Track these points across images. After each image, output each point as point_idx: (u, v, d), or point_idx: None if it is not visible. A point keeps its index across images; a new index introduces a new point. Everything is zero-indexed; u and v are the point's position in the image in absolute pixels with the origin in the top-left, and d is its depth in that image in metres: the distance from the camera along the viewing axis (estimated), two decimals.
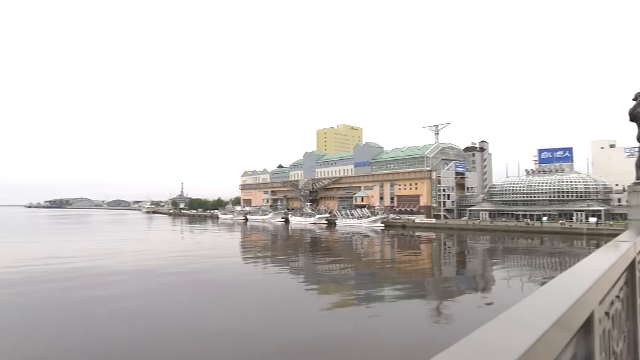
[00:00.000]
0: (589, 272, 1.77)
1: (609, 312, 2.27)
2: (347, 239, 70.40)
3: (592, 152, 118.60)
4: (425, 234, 77.53)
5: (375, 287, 30.19)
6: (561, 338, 1.20)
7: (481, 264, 44.80)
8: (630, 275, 2.94)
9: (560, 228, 71.45)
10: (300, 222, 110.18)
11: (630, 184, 10.32)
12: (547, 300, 1.33)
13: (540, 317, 1.11)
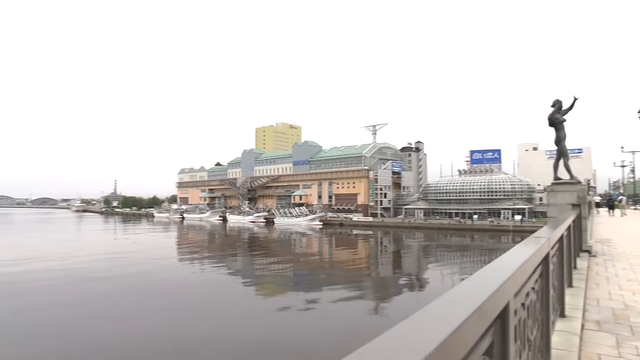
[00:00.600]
0: (506, 266, 1.88)
1: (524, 302, 2.43)
2: (286, 238, 70.35)
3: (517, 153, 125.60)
4: (363, 232, 78.88)
5: (314, 286, 30.39)
6: (478, 328, 1.27)
7: (416, 261, 46.24)
8: (545, 268, 3.15)
9: (489, 225, 75.08)
10: (238, 220, 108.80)
11: (549, 185, 11.06)
12: (466, 293, 1.41)
13: (459, 309, 1.17)
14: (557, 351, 3.65)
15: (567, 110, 11.44)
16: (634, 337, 4.51)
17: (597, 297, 6.25)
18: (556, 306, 4.37)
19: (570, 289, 6.10)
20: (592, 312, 5.42)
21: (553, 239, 3.70)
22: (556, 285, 4.29)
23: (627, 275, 7.94)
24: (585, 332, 4.60)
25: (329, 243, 64.76)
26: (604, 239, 14.96)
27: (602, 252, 11.08)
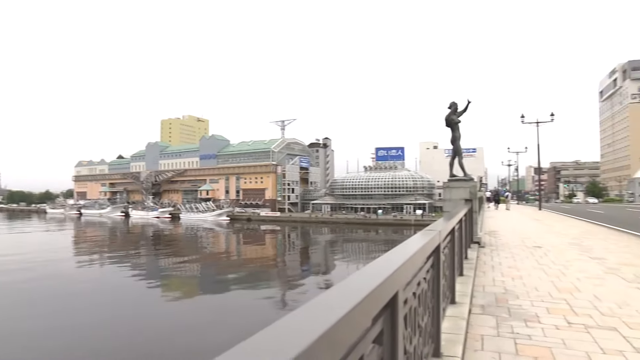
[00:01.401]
0: (396, 258, 1.98)
1: (416, 292, 2.58)
2: (192, 233, 68.45)
3: (419, 151, 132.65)
4: (271, 227, 78.94)
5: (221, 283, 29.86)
6: (365, 317, 1.33)
7: (323, 255, 47.16)
8: (436, 259, 3.38)
9: (393, 220, 78.58)
10: (141, 216, 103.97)
11: (445, 181, 11.82)
12: (355, 284, 1.47)
13: (346, 300, 1.21)
14: (447, 335, 3.92)
15: (462, 112, 12.26)
16: (511, 318, 5.00)
17: (484, 284, 6.81)
18: (447, 294, 4.68)
19: (461, 277, 6.57)
20: (479, 298, 5.90)
21: (444, 231, 3.97)
22: (447, 275, 4.60)
23: (508, 263, 8.75)
24: (471, 316, 5.00)
25: (236, 239, 64.01)
26: (491, 231, 16.30)
27: (490, 243, 12.07)
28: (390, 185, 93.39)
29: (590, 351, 3.98)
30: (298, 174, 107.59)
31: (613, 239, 13.72)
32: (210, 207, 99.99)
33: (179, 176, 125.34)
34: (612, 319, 4.94)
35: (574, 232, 16.22)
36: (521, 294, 6.15)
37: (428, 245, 2.88)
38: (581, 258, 9.49)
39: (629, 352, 3.95)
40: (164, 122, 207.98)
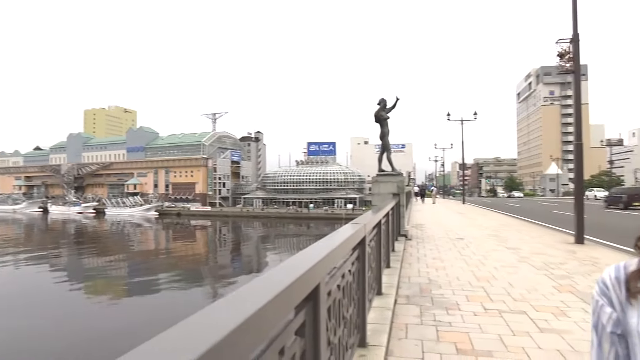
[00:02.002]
0: (318, 250, 2.02)
1: (340, 284, 2.63)
2: (119, 229, 65.47)
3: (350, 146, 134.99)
4: (201, 222, 77.20)
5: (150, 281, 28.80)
6: (283, 309, 1.33)
7: (255, 249, 46.82)
8: (362, 251, 3.46)
9: (324, 214, 79.35)
10: (62, 211, 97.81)
11: (374, 176, 12.12)
12: (275, 277, 1.48)
13: (265, 292, 1.22)
14: (373, 325, 4.03)
15: (391, 108, 12.61)
16: (433, 307, 5.24)
17: (409, 275, 7.08)
18: (374, 285, 4.82)
19: (388, 269, 6.78)
20: (404, 289, 6.13)
21: (370, 224, 4.07)
22: (374, 267, 4.73)
23: (433, 255, 9.14)
24: (397, 306, 5.18)
25: (166, 234, 61.99)
26: (418, 224, 16.93)
27: (416, 236, 12.54)
28: (321, 180, 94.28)
29: (502, 334, 4.28)
30: (229, 167, 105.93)
31: (526, 230, 14.72)
32: (138, 202, 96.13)
33: (104, 169, 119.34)
34: (522, 304, 5.33)
35: (494, 224, 17.22)
36: (444, 284, 6.45)
37: (352, 238, 2.94)
38: (498, 248, 10.11)
39: (534, 333, 4.32)
40: (88, 112, 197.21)
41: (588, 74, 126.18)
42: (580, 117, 11.67)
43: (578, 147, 11.51)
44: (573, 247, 10.27)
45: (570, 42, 11.78)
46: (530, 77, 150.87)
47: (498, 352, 3.83)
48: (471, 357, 3.70)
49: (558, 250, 9.63)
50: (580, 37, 11.51)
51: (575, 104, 11.76)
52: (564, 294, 5.75)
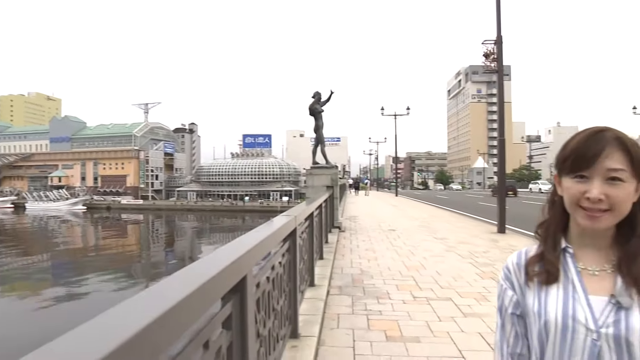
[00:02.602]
0: (246, 242, 2.00)
1: (269, 276, 2.64)
2: (41, 225, 61.52)
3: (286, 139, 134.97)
4: (133, 215, 74.35)
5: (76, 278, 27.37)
6: (207, 302, 1.30)
7: (190, 243, 45.75)
8: (293, 243, 3.47)
9: (259, 207, 78.88)
10: None
11: (308, 168, 12.21)
12: (201, 267, 1.46)
13: (190, 283, 1.19)
14: (305, 316, 4.07)
15: (325, 101, 12.72)
16: (365, 296, 5.37)
17: (342, 266, 7.20)
18: (306, 277, 4.86)
19: (321, 260, 6.86)
20: (337, 279, 6.23)
21: (301, 216, 4.10)
22: (306, 259, 4.77)
23: (365, 246, 9.36)
24: (329, 297, 5.26)
25: (94, 229, 59.10)
26: (352, 216, 17.24)
27: (350, 228, 12.77)
28: (257, 172, 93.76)
29: (430, 320, 4.47)
30: (162, 159, 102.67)
31: (454, 221, 15.41)
32: (64, 196, 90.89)
33: (23, 161, 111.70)
34: (449, 291, 5.59)
35: (424, 215, 17.87)
36: (375, 274, 6.63)
37: (282, 230, 2.94)
38: (428, 239, 10.51)
39: (458, 317, 4.56)
40: (4, 98, 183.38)
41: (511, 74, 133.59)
42: (504, 114, 12.35)
43: (501, 143, 12.17)
44: (496, 236, 10.88)
45: (494, 44, 12.38)
46: (460, 75, 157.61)
47: (425, 337, 4.00)
48: (400, 344, 3.83)
49: (482, 240, 10.16)
50: (504, 39, 12.13)
51: (498, 102, 12.42)
52: (486, 280, 6.09)
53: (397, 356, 3.57)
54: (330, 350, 3.67)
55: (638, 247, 0.94)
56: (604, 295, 0.93)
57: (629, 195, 0.92)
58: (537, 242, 1.08)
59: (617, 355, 0.88)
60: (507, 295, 1.07)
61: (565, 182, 0.97)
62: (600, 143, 0.92)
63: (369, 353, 3.63)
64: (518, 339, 1.05)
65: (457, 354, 3.61)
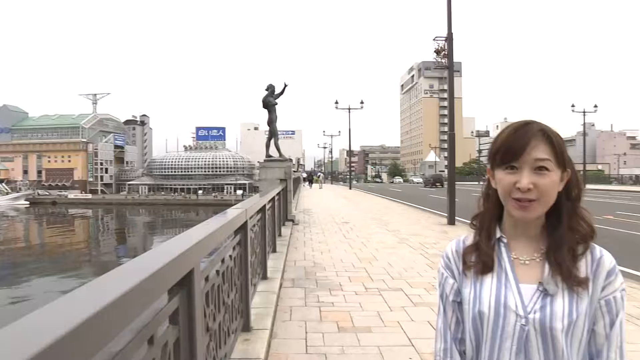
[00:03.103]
0: (194, 234, 1.97)
1: (219, 269, 2.61)
2: None
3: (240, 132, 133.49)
4: (81, 210, 71.58)
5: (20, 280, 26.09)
6: (150, 297, 1.27)
7: (142, 238, 44.57)
8: (244, 236, 3.45)
9: (213, 200, 77.76)
10: None
11: (261, 161, 12.15)
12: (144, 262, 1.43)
13: (133, 277, 1.17)
14: (257, 309, 4.06)
15: (279, 94, 12.67)
16: (317, 288, 5.42)
17: (295, 259, 7.23)
18: (258, 270, 4.84)
19: (274, 254, 6.86)
20: (290, 272, 6.24)
21: (252, 209, 4.08)
22: (258, 252, 4.75)
23: (319, 239, 9.43)
24: (282, 290, 5.27)
25: (38, 225, 56.54)
26: (306, 209, 17.30)
27: (304, 221, 12.82)
28: (211, 166, 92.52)
29: (381, 310, 4.56)
30: (112, 152, 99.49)
31: (406, 213, 15.76)
32: (3, 190, 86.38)
33: None
34: (400, 281, 5.72)
35: (377, 208, 18.17)
36: (328, 266, 6.69)
37: (232, 223, 2.92)
38: (380, 231, 10.70)
39: (409, 307, 4.68)
40: None
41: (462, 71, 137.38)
42: (454, 110, 12.69)
43: (451, 137, 12.52)
44: (446, 227, 11.21)
45: (445, 41, 12.69)
46: (413, 70, 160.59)
47: (376, 327, 4.08)
48: (351, 334, 3.89)
49: (432, 231, 10.44)
50: (455, 36, 12.44)
51: (449, 98, 12.77)
52: (436, 271, 6.25)
53: (348, 346, 3.62)
54: (282, 343, 3.69)
55: (563, 236, 1.00)
56: (533, 284, 0.99)
57: (555, 183, 0.97)
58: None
59: (542, 337, 0.95)
60: (448, 283, 1.12)
61: (498, 174, 1.02)
62: (527, 135, 0.98)
63: (321, 344, 3.67)
64: (459, 325, 1.10)
65: (407, 342, 3.71)
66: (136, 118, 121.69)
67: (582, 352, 0.97)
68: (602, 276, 0.98)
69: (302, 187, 34.14)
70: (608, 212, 16.07)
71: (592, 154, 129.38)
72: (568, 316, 0.94)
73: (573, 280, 0.96)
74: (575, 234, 1.00)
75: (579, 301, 0.95)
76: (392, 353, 3.47)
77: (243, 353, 3.11)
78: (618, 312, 0.97)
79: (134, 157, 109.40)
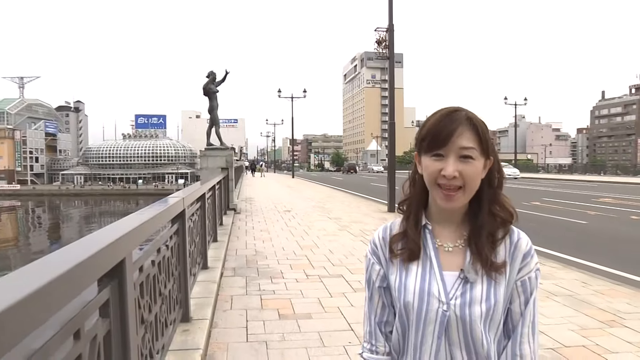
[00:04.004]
0: (126, 223, 1.92)
1: (155, 260, 2.54)
2: None
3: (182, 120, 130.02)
4: (8, 202, 67.34)
5: None
6: (77, 287, 1.22)
7: (78, 230, 42.52)
8: (181, 226, 3.38)
9: (154, 190, 75.47)
10: None
11: (202, 150, 11.92)
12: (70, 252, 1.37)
13: (55, 268, 1.11)
14: (197, 299, 4.01)
15: (220, 82, 12.45)
16: (259, 277, 5.42)
17: (237, 247, 7.18)
18: (198, 260, 4.77)
19: (215, 243, 6.77)
20: (231, 261, 6.20)
21: (190, 198, 4.00)
22: (198, 241, 4.68)
23: (261, 227, 9.40)
24: (223, 279, 5.23)
25: None
26: (248, 197, 17.18)
27: (246, 209, 12.72)
28: (151, 154, 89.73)
29: (321, 296, 4.63)
30: (43, 140, 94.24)
31: (348, 201, 15.99)
32: None
33: None
34: (340, 268, 5.82)
35: (320, 196, 18.31)
36: (270, 255, 6.69)
37: (168, 212, 2.85)
38: (322, 219, 10.81)
39: (349, 293, 4.78)
40: None
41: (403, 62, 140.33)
42: (394, 99, 12.93)
43: (391, 127, 12.80)
44: (386, 215, 11.49)
45: (386, 31, 12.88)
46: (355, 60, 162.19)
47: (316, 313, 4.13)
48: (292, 321, 3.93)
49: (373, 219, 10.67)
50: (396, 27, 12.67)
51: (389, 88, 12.98)
52: None
53: (289, 333, 3.66)
54: (223, 332, 3.67)
55: (484, 222, 1.04)
56: (455, 271, 1.04)
57: (479, 171, 1.00)
58: None
59: (461, 322, 1.00)
60: (375, 269, 1.14)
61: (424, 161, 1.03)
62: (454, 123, 0.99)
63: (262, 332, 3.68)
64: (385, 309, 1.13)
65: (346, 327, 3.79)
66: (69, 104, 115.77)
67: (499, 334, 1.03)
68: (519, 259, 1.03)
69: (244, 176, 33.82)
70: (535, 198, 17.03)
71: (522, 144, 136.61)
72: (486, 302, 0.99)
73: (491, 267, 1.00)
74: (496, 219, 1.04)
75: (497, 287, 1.00)
76: (331, 338, 3.54)
77: (182, 344, 3.07)
78: (532, 291, 1.03)
79: (68, 146, 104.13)
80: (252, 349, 3.36)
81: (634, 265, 6.36)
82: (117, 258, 1.64)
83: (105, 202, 67.45)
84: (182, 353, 2.93)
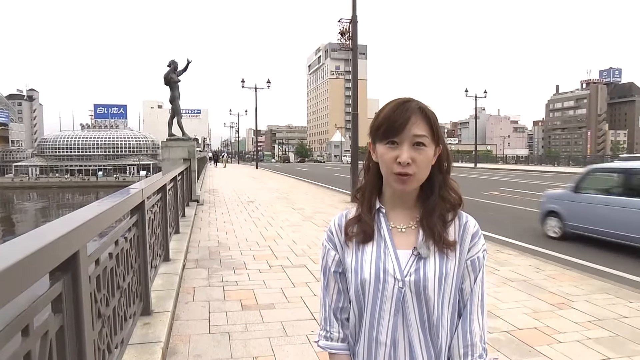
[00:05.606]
0: (81, 215, 1.86)
1: (113, 252, 2.48)
2: None
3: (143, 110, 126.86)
4: None
5: None
6: (24, 282, 1.16)
7: (33, 226, 40.97)
8: (141, 217, 3.31)
9: (115, 182, 73.34)
10: None
11: (164, 140, 11.69)
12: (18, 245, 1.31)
13: (3, 259, 1.07)
14: (159, 292, 3.94)
15: (182, 71, 12.20)
16: (222, 268, 5.39)
17: (199, 239, 7.09)
18: (159, 252, 4.69)
19: (177, 235, 6.67)
20: (193, 253, 6.12)
21: (150, 189, 3.91)
22: (158, 233, 4.59)
23: (224, 219, 9.32)
24: (185, 271, 5.17)
25: None
26: (212, 189, 16.97)
27: (209, 201, 12.58)
28: (111, 145, 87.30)
29: (284, 287, 4.65)
30: None
31: (312, 192, 16.03)
32: None
33: None
34: (303, 258, 5.85)
35: (284, 187, 18.27)
36: (233, 246, 6.65)
37: (126, 203, 2.79)
38: (286, 209, 10.80)
39: (311, 282, 4.81)
40: None
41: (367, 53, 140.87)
42: (357, 91, 12.98)
43: (354, 118, 12.83)
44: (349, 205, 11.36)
45: (350, 23, 12.89)
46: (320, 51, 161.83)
47: (279, 303, 4.15)
48: (255, 312, 3.92)
49: (337, 209, 10.72)
50: (360, 19, 12.69)
51: (353, 79, 13.00)
52: None
53: (252, 323, 3.65)
54: (185, 324, 3.63)
55: (434, 204, 1.10)
56: (408, 249, 1.08)
57: (430, 158, 1.06)
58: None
59: (416, 297, 1.04)
60: (330, 255, 1.18)
61: (379, 149, 1.08)
62: (407, 112, 1.04)
63: (224, 323, 3.66)
64: (341, 295, 1.17)
65: (309, 316, 3.82)
66: (22, 92, 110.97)
67: (452, 308, 1.08)
68: (468, 239, 1.09)
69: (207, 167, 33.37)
70: (494, 188, 17.54)
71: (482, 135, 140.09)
72: (439, 275, 1.04)
73: (443, 243, 1.06)
74: (446, 203, 1.10)
75: (448, 262, 1.06)
76: (294, 328, 3.56)
77: (143, 337, 3.02)
78: (481, 269, 1.10)
79: (21, 136, 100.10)
80: (214, 340, 3.34)
81: (582, 251, 6.81)
82: (70, 250, 1.59)
83: (63, 194, 65.18)
84: (143, 346, 2.88)
